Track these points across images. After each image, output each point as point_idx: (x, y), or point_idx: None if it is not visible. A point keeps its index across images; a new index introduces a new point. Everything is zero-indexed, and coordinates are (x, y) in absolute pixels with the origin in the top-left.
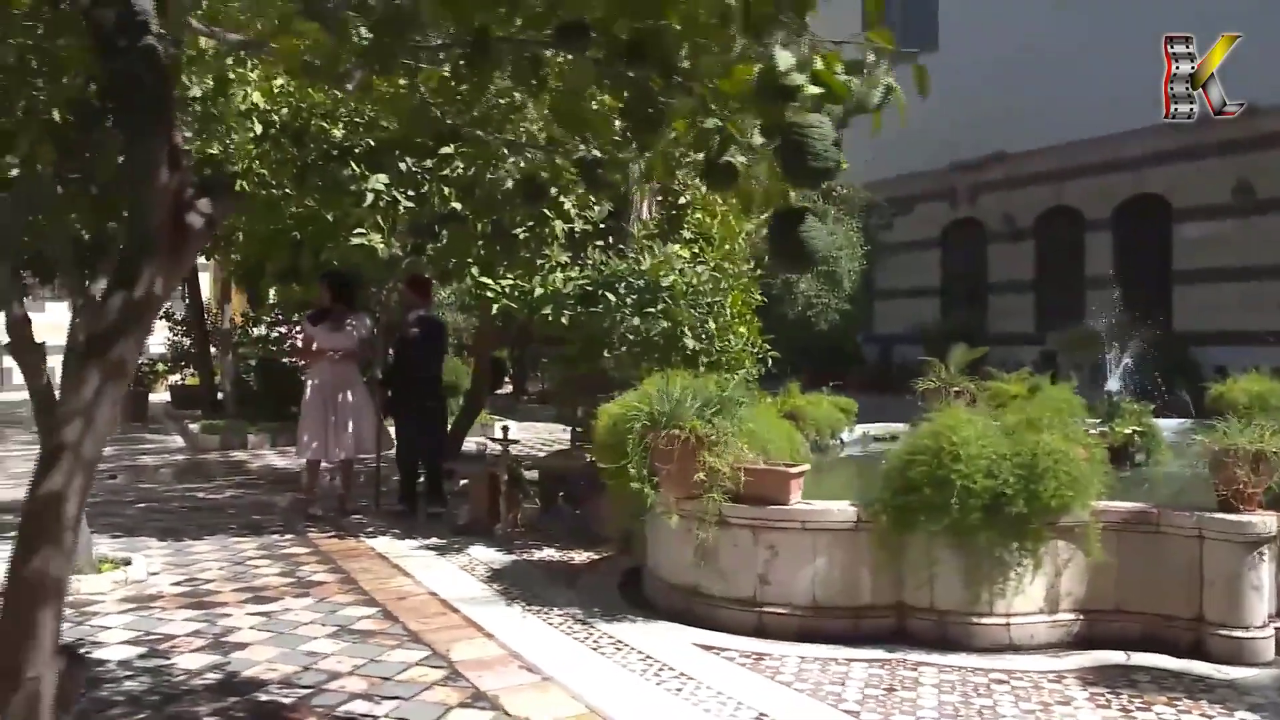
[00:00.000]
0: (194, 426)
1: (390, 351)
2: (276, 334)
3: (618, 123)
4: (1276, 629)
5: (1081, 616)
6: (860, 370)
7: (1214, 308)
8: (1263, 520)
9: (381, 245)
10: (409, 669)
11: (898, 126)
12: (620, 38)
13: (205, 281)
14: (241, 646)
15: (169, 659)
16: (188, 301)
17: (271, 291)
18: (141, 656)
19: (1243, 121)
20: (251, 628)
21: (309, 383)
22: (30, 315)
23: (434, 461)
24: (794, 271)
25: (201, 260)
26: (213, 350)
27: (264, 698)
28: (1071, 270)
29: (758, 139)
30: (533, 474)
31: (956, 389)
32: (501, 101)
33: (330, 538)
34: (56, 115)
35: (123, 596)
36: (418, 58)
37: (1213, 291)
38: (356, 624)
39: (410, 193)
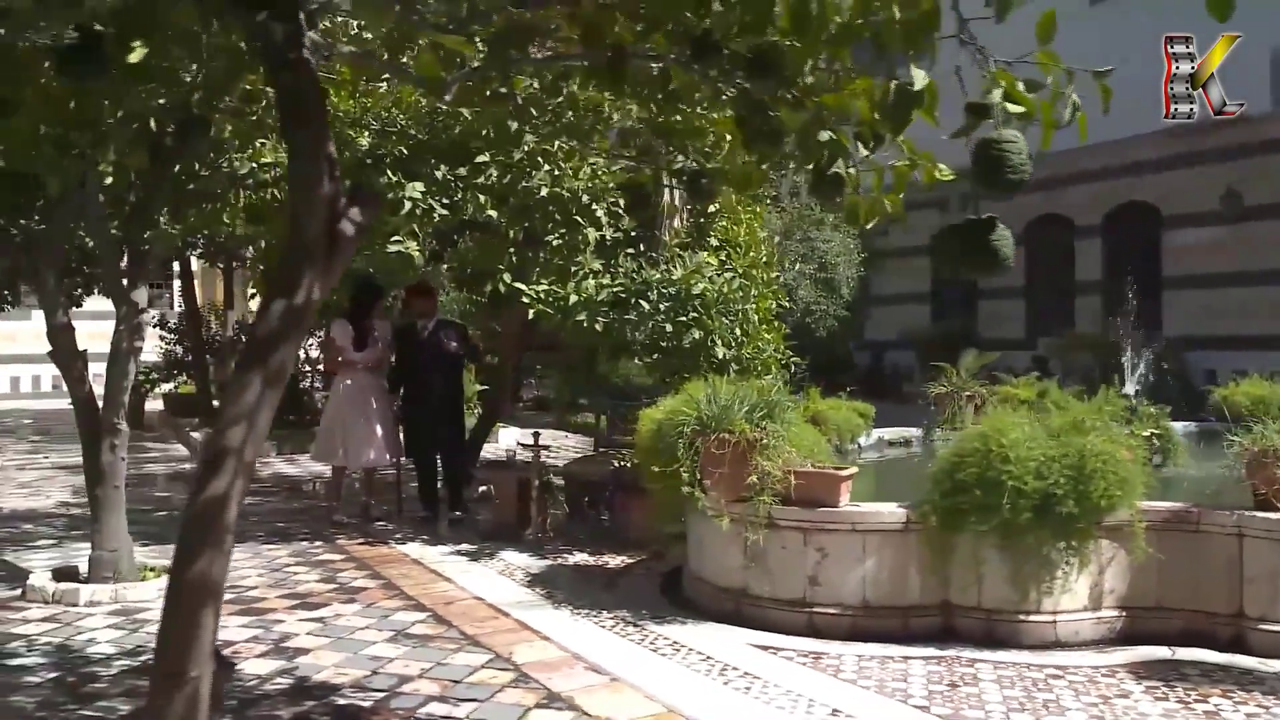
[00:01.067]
0: (195, 435)
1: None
2: None
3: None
4: None
5: (1124, 613)
6: (852, 376)
7: (1203, 313)
8: None
9: (417, 253)
10: (476, 672)
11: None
12: (742, 53)
13: (215, 287)
14: (304, 651)
15: (235, 664)
16: (181, 308)
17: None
18: None
19: (1231, 130)
20: (309, 633)
21: (335, 389)
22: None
23: (455, 461)
24: (985, 276)
25: (194, 266)
26: (208, 357)
27: (341, 701)
28: (1062, 276)
29: (862, 151)
30: (555, 480)
31: (968, 393)
32: (581, 113)
33: (360, 544)
34: (153, 123)
35: None
36: (535, 69)
37: (1202, 297)
38: (411, 628)
39: (444, 200)
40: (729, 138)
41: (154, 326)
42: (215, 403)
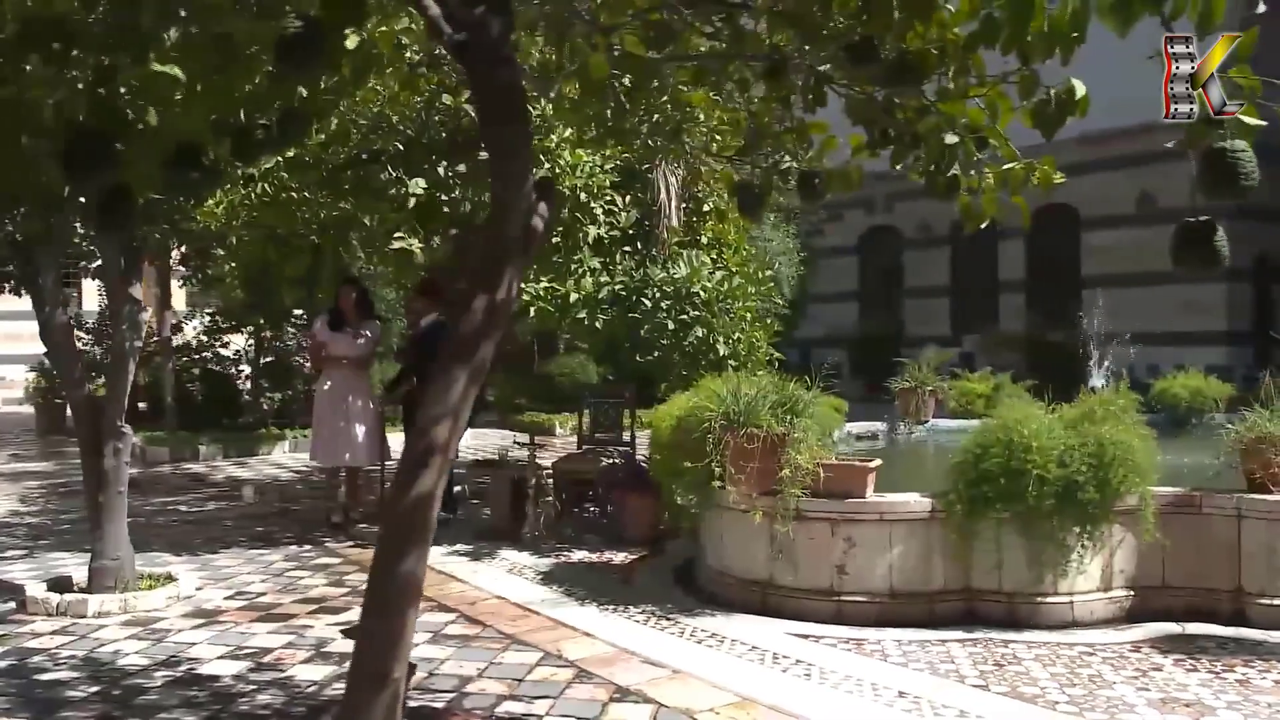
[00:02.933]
0: (135, 439)
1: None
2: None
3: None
4: None
5: (1133, 593)
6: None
7: (1120, 311)
8: None
9: (419, 250)
10: (534, 669)
11: None
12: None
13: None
14: (347, 656)
15: (283, 670)
16: (105, 309)
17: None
18: (253, 670)
19: (1144, 137)
20: (346, 638)
21: (320, 388)
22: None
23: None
24: (1205, 274)
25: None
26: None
27: (413, 703)
28: (985, 275)
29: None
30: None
31: (930, 388)
32: (667, 112)
33: (352, 547)
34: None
35: (184, 613)
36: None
37: (1118, 296)
38: (446, 629)
39: (444, 197)
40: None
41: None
42: (141, 405)
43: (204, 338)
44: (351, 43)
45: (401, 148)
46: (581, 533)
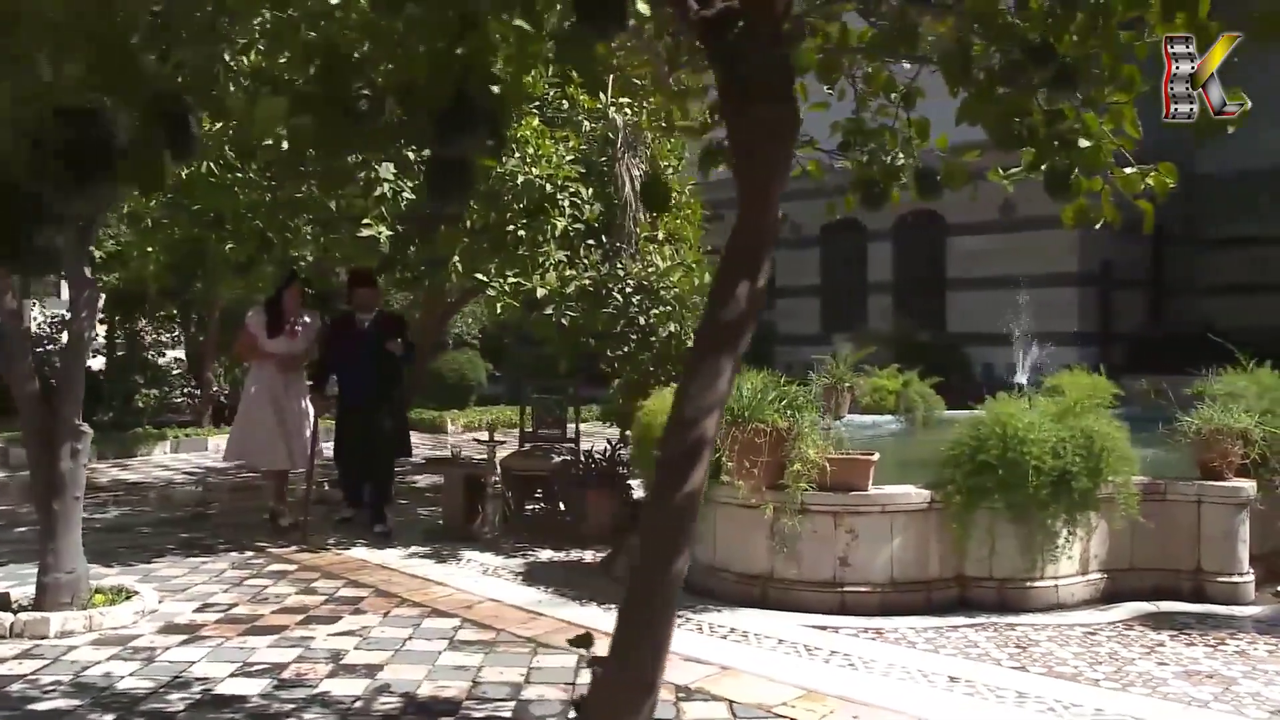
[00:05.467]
0: None
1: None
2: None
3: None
4: (1253, 573)
5: (1106, 575)
6: None
7: (981, 312)
8: (1248, 485)
9: (385, 237)
10: (580, 672)
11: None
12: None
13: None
14: (375, 668)
15: (312, 687)
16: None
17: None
18: (278, 687)
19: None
20: (356, 648)
21: (252, 386)
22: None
23: (387, 468)
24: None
25: None
26: None
27: (478, 715)
28: (854, 276)
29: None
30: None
31: (848, 385)
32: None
33: (299, 552)
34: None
35: (158, 629)
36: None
37: (980, 298)
38: (458, 634)
39: (410, 184)
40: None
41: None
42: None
43: (47, 328)
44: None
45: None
46: (536, 531)
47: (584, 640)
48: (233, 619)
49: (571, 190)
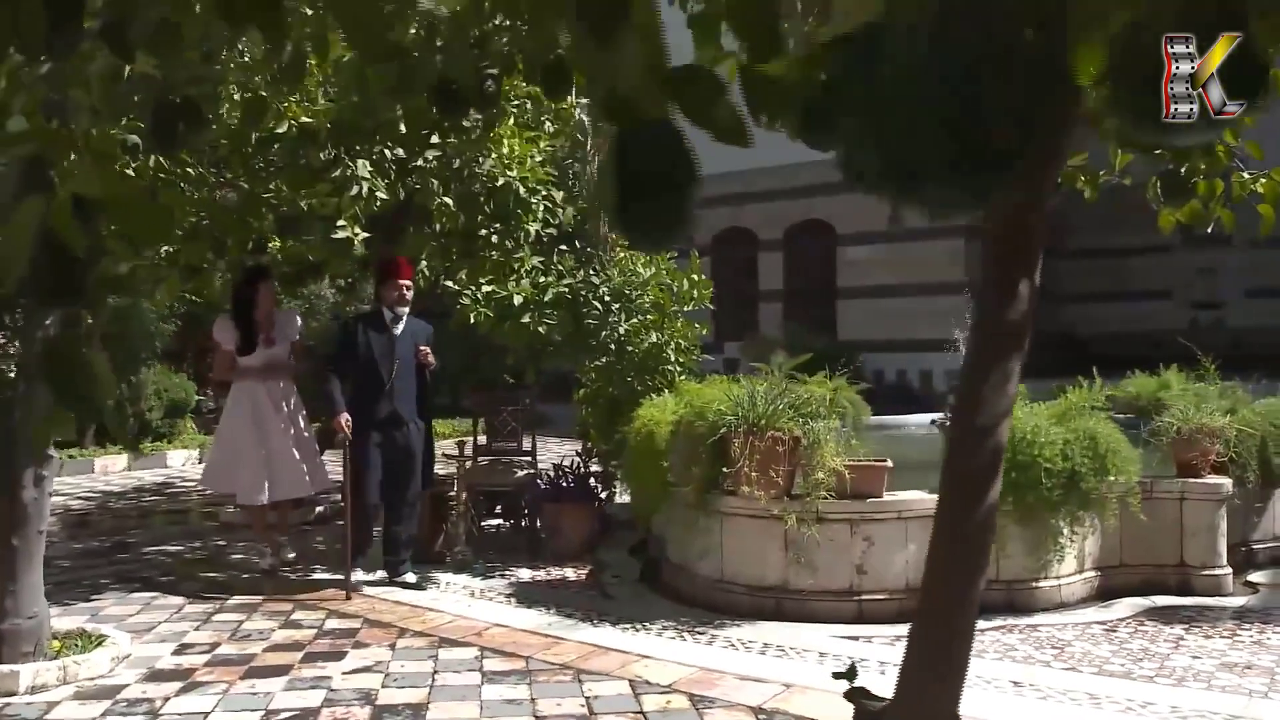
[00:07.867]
0: None
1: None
2: None
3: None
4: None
5: (1099, 573)
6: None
7: (871, 320)
8: (1226, 482)
9: (359, 238)
10: (636, 699)
11: None
12: None
13: None
14: (419, 708)
15: None
16: None
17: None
18: None
19: None
20: (384, 686)
21: (232, 405)
22: None
23: (413, 507)
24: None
25: None
26: None
27: None
28: (746, 285)
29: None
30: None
31: None
32: None
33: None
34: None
35: (142, 676)
36: None
37: (870, 306)
38: (485, 664)
39: (384, 182)
40: None
41: None
42: None
43: None
44: None
45: (329, 125)
46: (503, 549)
47: (850, 673)
48: (224, 660)
49: (544, 194)
